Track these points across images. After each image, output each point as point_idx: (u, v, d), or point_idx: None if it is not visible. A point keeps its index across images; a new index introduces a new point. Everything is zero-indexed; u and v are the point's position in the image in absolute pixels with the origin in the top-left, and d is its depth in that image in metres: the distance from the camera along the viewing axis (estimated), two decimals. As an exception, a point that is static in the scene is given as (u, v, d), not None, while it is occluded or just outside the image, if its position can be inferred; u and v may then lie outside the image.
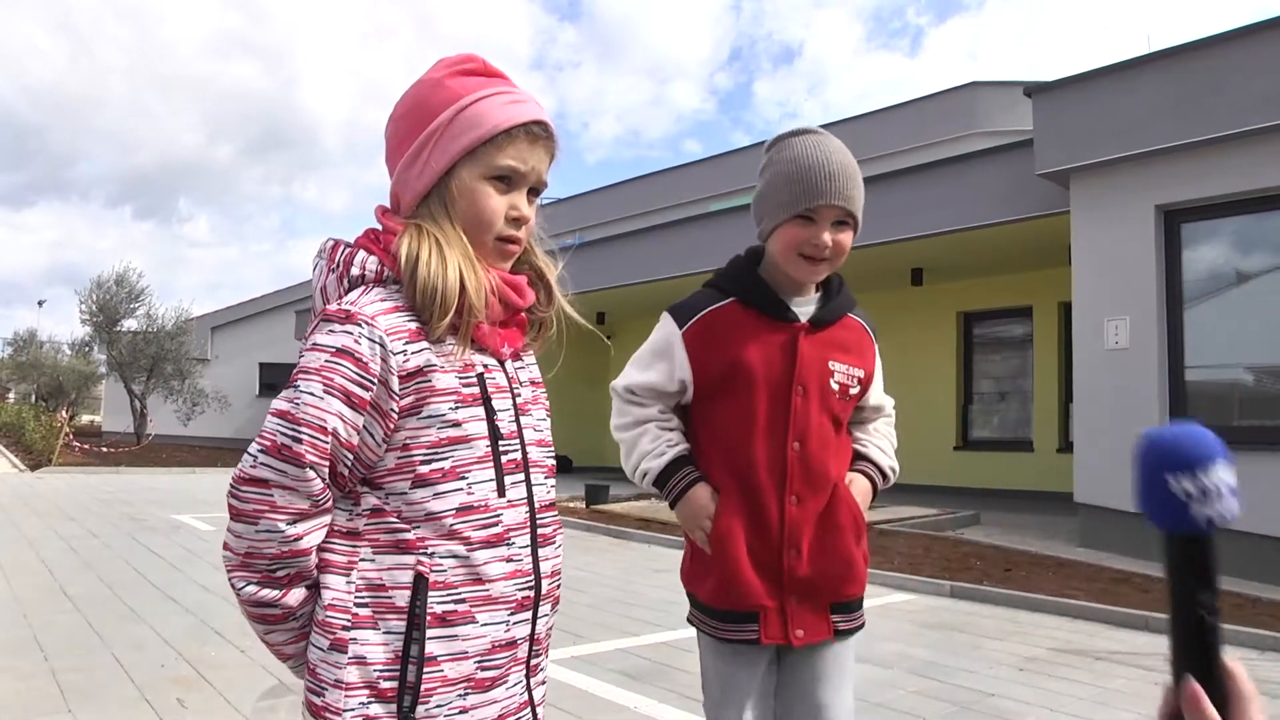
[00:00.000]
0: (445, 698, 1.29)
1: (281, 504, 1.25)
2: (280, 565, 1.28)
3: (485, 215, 1.37)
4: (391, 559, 1.30)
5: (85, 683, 4.27)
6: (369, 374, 1.27)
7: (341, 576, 1.30)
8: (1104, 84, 8.89)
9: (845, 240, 1.98)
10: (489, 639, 1.31)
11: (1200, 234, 8.54)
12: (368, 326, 1.27)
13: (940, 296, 14.28)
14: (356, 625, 1.28)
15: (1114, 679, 4.73)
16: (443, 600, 1.29)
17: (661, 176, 23.54)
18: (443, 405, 1.30)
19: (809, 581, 1.92)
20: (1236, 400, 8.48)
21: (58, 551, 8.23)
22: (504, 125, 1.35)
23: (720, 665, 1.98)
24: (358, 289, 1.34)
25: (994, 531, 9.93)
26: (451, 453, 1.31)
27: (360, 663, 1.27)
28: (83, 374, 30.55)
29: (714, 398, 1.97)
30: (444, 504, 1.30)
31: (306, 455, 1.24)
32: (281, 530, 1.25)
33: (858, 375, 2.02)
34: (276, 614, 1.31)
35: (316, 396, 1.25)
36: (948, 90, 18.21)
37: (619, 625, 5.79)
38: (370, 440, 1.29)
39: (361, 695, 1.27)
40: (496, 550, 1.33)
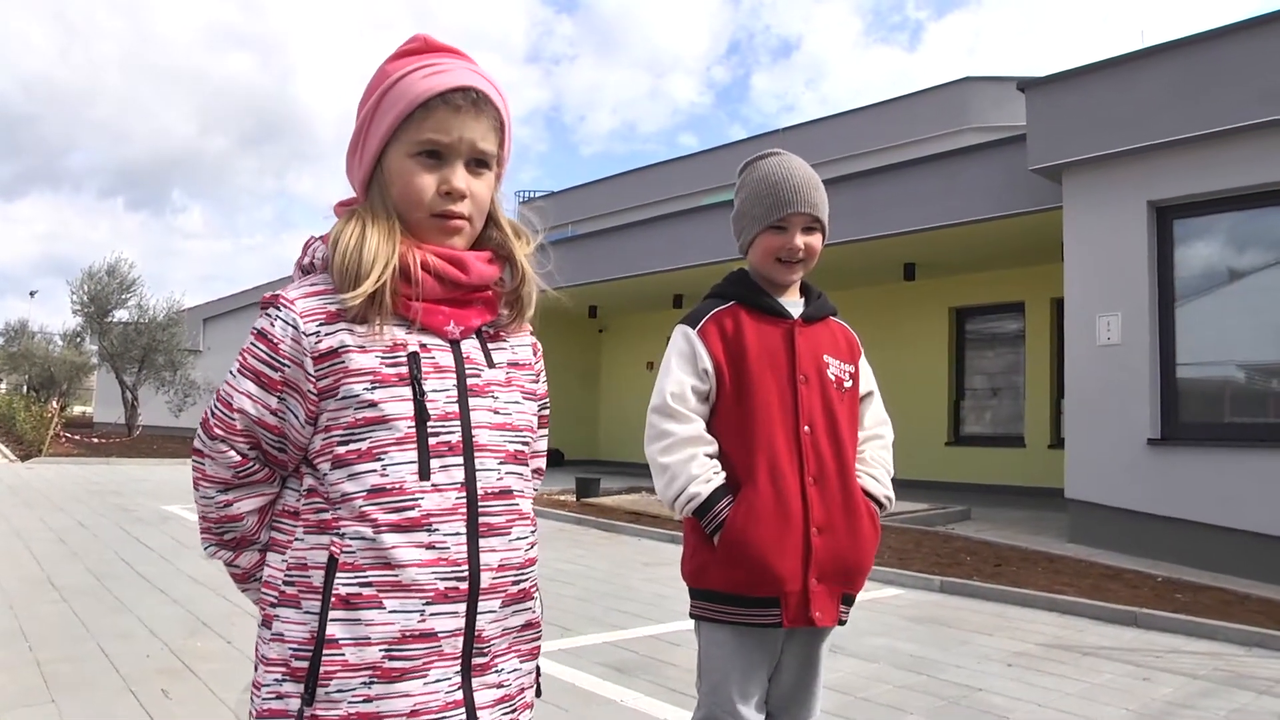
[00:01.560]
0: (347, 683, 1.26)
1: (210, 473, 1.36)
2: (223, 529, 1.39)
3: (413, 193, 1.34)
4: (314, 538, 1.31)
5: (70, 673, 4.25)
6: (279, 355, 1.30)
7: (279, 554, 1.35)
8: (1097, 79, 8.89)
9: (815, 243, 2.20)
10: (398, 627, 1.26)
11: (1192, 230, 8.55)
12: (285, 309, 1.31)
13: (932, 292, 14.29)
14: (282, 603, 1.31)
15: (1102, 674, 4.74)
16: (348, 582, 1.27)
17: (655, 170, 23.52)
18: (357, 386, 1.29)
19: (830, 564, 2.07)
20: (1227, 397, 8.49)
21: (46, 542, 8.20)
22: (420, 98, 1.32)
23: (729, 650, 2.10)
24: (309, 276, 1.38)
25: (984, 527, 9.95)
26: (370, 433, 1.29)
27: (280, 640, 1.30)
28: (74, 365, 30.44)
29: (731, 388, 2.12)
30: (357, 485, 1.28)
31: (215, 429, 1.34)
32: (213, 496, 1.37)
33: (849, 371, 2.22)
34: (238, 573, 1.44)
35: (232, 375, 1.33)
36: (941, 86, 18.21)
37: (608, 619, 5.78)
38: (295, 421, 1.32)
39: (278, 672, 1.29)
40: (412, 535, 1.27)
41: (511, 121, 1.43)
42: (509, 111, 1.42)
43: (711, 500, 2.05)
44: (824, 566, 2.05)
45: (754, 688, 2.11)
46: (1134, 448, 8.37)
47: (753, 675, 2.11)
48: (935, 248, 12.14)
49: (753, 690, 2.11)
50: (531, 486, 1.50)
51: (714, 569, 2.09)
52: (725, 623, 2.09)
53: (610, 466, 18.37)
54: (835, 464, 2.12)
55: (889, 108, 18.94)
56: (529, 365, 1.48)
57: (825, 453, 2.10)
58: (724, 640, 2.10)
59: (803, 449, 2.08)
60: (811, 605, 2.04)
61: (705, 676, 2.15)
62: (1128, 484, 8.33)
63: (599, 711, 3.94)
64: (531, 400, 1.47)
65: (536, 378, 1.51)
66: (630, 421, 18.33)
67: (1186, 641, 5.48)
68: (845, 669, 4.64)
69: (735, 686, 2.09)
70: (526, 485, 1.43)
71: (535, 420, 1.48)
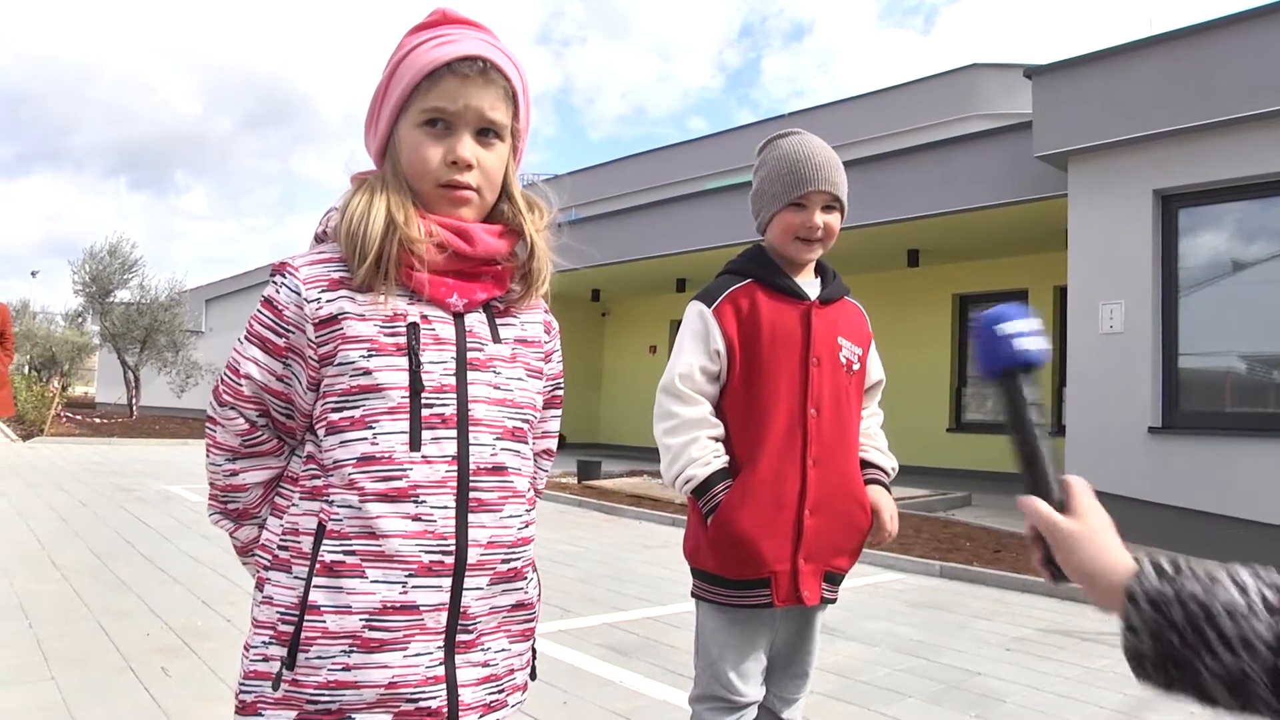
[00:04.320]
0: (327, 650, 1.26)
1: (220, 440, 1.37)
2: (228, 498, 1.41)
3: (419, 163, 1.34)
4: (306, 504, 1.33)
5: (70, 651, 4.26)
6: (283, 320, 1.31)
7: (278, 519, 1.36)
8: (1104, 67, 8.84)
9: (834, 223, 2.20)
10: (379, 598, 1.26)
11: (1197, 219, 8.52)
12: (290, 276, 1.32)
13: (936, 278, 14.26)
14: (275, 566, 1.33)
15: (1099, 659, 4.74)
16: (333, 550, 1.27)
17: (661, 154, 23.43)
18: (354, 352, 1.28)
19: (818, 545, 2.09)
20: (1229, 387, 8.48)
21: (47, 521, 8.21)
22: (428, 67, 1.31)
23: (725, 629, 2.13)
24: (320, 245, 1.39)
25: (985, 513, 9.96)
26: (363, 401, 1.29)
27: (269, 603, 1.31)
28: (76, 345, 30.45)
29: (741, 368, 2.14)
30: (348, 452, 1.28)
31: (224, 395, 1.35)
32: (221, 464, 1.38)
33: (857, 353, 2.23)
34: (237, 545, 1.46)
35: (240, 343, 1.35)
36: (948, 72, 18.13)
37: (607, 600, 5.78)
38: (299, 387, 1.34)
39: (266, 634, 1.30)
40: (398, 506, 1.27)
41: (529, 93, 1.40)
42: (525, 82, 1.39)
43: (709, 483, 2.07)
44: (811, 547, 2.09)
45: (751, 665, 2.13)
46: (1135, 436, 8.36)
47: (750, 653, 2.13)
48: (939, 234, 12.11)
49: (750, 668, 2.13)
50: (538, 467, 1.49)
51: (706, 550, 2.12)
52: (720, 604, 2.12)
53: (612, 450, 18.39)
54: (837, 446, 2.14)
55: (896, 93, 18.86)
56: (538, 343, 1.46)
57: (829, 435, 2.12)
58: (720, 619, 2.14)
59: (808, 431, 2.10)
60: (801, 584, 2.08)
61: (702, 654, 2.18)
62: (1128, 472, 8.32)
63: (598, 692, 3.95)
64: (537, 378, 1.44)
65: (546, 357, 1.49)
66: (632, 405, 18.35)
67: (1185, 629, 5.48)
68: (845, 652, 4.64)
69: (732, 664, 2.11)
70: (525, 463, 1.41)
71: (539, 399, 1.46)
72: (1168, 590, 0.90)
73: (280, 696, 1.28)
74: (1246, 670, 0.83)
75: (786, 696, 2.24)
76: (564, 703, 3.77)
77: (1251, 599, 0.85)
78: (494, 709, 1.38)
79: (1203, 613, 0.87)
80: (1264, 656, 0.82)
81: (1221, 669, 0.85)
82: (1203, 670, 0.86)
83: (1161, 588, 0.91)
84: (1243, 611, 0.84)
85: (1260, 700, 0.84)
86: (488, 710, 1.37)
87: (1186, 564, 0.92)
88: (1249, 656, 0.83)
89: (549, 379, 1.50)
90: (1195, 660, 0.87)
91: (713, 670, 2.13)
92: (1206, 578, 0.89)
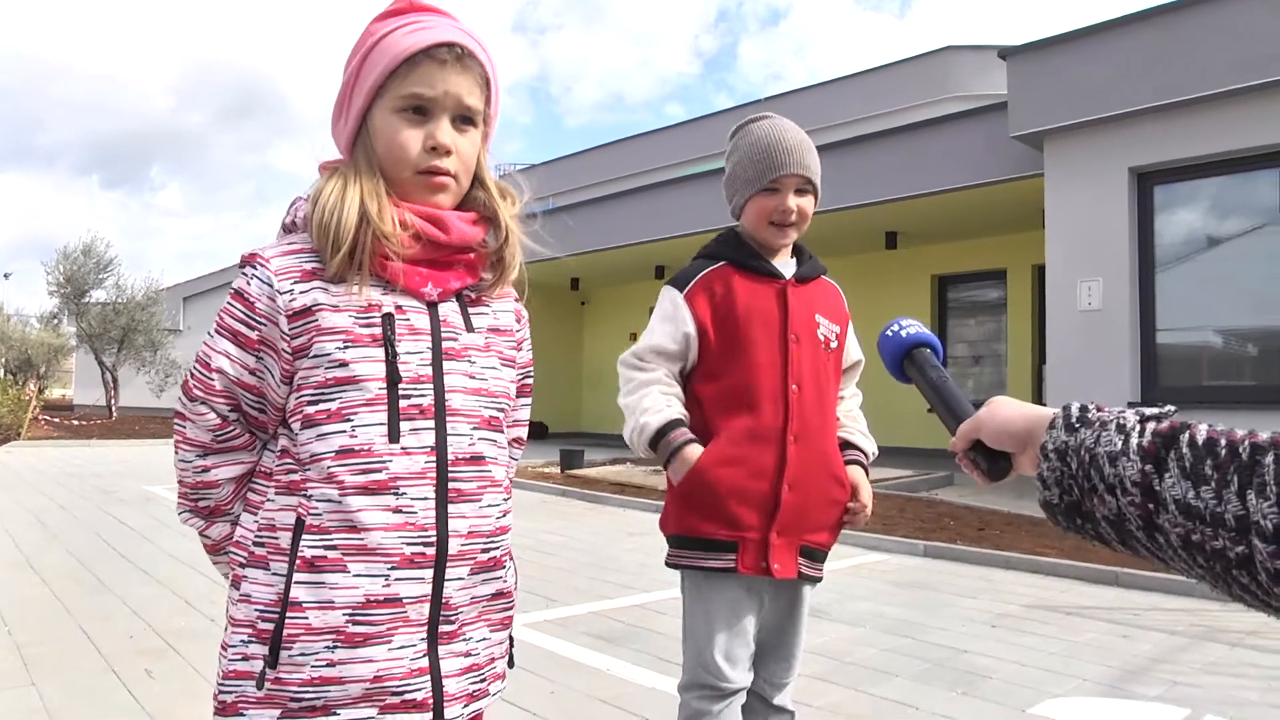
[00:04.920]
0: (310, 647, 1.25)
1: (190, 436, 1.35)
2: (198, 495, 1.38)
3: (397, 149, 1.32)
4: (283, 499, 1.30)
5: (50, 655, 4.22)
6: (255, 313, 1.29)
7: (252, 515, 1.34)
8: (1078, 46, 8.87)
9: (807, 205, 2.19)
10: (362, 592, 1.25)
11: (1173, 196, 8.57)
12: (260, 268, 1.30)
13: (915, 260, 14.29)
14: (251, 564, 1.30)
15: (1084, 633, 4.77)
16: (314, 545, 1.25)
17: (638, 141, 23.40)
18: (329, 344, 1.27)
19: (795, 519, 2.09)
20: (1206, 361, 8.55)
21: (24, 525, 8.13)
22: (405, 53, 1.30)
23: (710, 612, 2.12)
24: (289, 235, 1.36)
25: (967, 492, 10.00)
26: (340, 394, 1.27)
27: (247, 601, 1.29)
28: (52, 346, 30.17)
29: (718, 350, 2.15)
30: (325, 446, 1.27)
31: (195, 390, 1.32)
32: (191, 461, 1.36)
33: (835, 331, 2.23)
34: (208, 544, 1.44)
35: (210, 336, 1.33)
36: (922, 55, 18.17)
37: (592, 589, 5.78)
38: (271, 380, 1.31)
39: (244, 633, 1.28)
40: (379, 499, 1.26)
41: (498, 80, 1.41)
42: (495, 69, 1.39)
43: (664, 430, 2.08)
44: (787, 520, 2.08)
45: (738, 649, 2.11)
46: (1115, 412, 8.41)
47: (736, 637, 2.11)
48: (917, 216, 12.13)
49: (737, 652, 2.11)
50: (509, 456, 1.47)
51: (674, 511, 2.16)
52: (689, 568, 2.13)
53: (594, 438, 18.37)
54: (817, 422, 2.15)
55: (871, 77, 18.88)
56: (510, 331, 1.46)
57: (813, 411, 2.13)
58: (699, 596, 2.13)
59: (789, 406, 2.10)
60: (771, 557, 2.07)
61: (689, 640, 2.16)
62: (1109, 448, 8.36)
63: (584, 681, 3.94)
64: (510, 367, 1.44)
65: (518, 345, 1.48)
66: (614, 393, 18.21)
67: (1165, 599, 5.53)
68: (831, 634, 4.66)
69: (718, 649, 2.09)
70: (501, 452, 1.40)
71: (513, 388, 1.45)
72: (1071, 440, 0.93)
73: (263, 695, 1.26)
74: (1122, 510, 0.87)
75: (775, 681, 2.22)
76: (551, 692, 3.76)
77: (1129, 442, 0.88)
78: (476, 698, 1.38)
79: (1090, 460, 0.90)
80: (1132, 495, 0.86)
81: (1107, 512, 0.89)
82: (1098, 515, 0.90)
83: (1067, 438, 0.94)
84: (1118, 454, 0.88)
85: (1135, 539, 0.88)
86: (470, 699, 1.37)
87: (1095, 411, 0.95)
88: (1123, 498, 0.87)
89: (520, 367, 1.50)
90: (1091, 506, 0.91)
91: (699, 657, 2.12)
92: (1099, 424, 0.92)
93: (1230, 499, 0.79)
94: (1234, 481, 0.79)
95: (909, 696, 3.79)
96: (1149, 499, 0.85)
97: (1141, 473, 0.85)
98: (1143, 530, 0.86)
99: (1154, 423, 0.89)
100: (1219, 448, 0.82)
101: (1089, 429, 0.93)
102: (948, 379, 1.23)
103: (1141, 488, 0.85)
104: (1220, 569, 0.80)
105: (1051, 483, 0.94)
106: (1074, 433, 0.93)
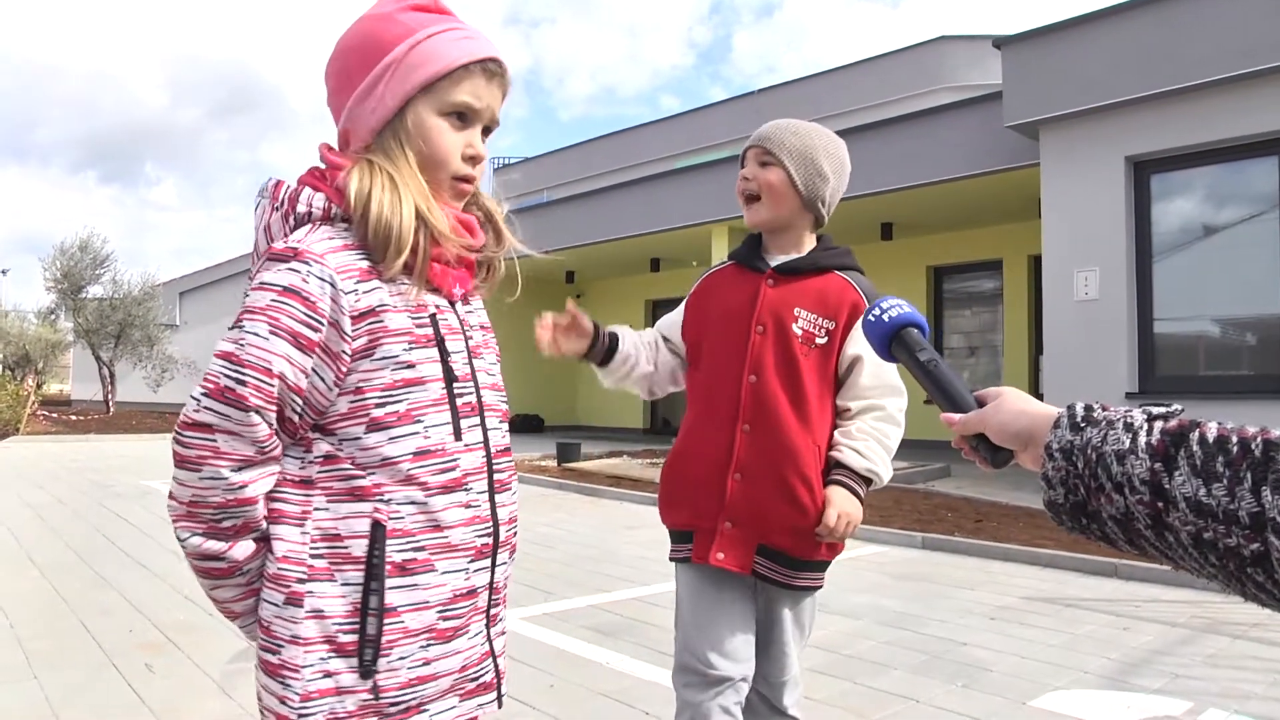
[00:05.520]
0: (407, 649, 1.26)
1: (225, 450, 1.19)
2: (225, 515, 1.22)
3: (441, 152, 1.33)
4: (347, 507, 1.26)
5: (51, 649, 4.22)
6: (318, 314, 1.22)
7: (295, 527, 1.26)
8: (1073, 35, 8.86)
9: (771, 176, 2.15)
10: (450, 588, 1.29)
11: (1169, 185, 8.57)
12: (316, 264, 1.23)
13: (910, 251, 14.27)
14: (313, 578, 1.24)
15: (1083, 625, 4.79)
16: (401, 549, 1.25)
17: (632, 134, 23.34)
18: (396, 346, 1.26)
19: (744, 509, 2.07)
20: (1203, 351, 8.56)
21: (24, 520, 8.13)
22: (461, 60, 1.31)
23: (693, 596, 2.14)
24: (304, 227, 1.29)
25: (964, 484, 10.02)
26: (406, 395, 1.27)
27: (318, 616, 1.23)
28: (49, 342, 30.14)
29: (695, 340, 2.24)
30: (400, 448, 1.26)
31: (251, 398, 1.19)
32: (225, 477, 1.20)
33: (825, 325, 2.11)
34: (223, 567, 1.26)
35: (261, 337, 1.20)
36: (916, 45, 18.14)
37: (590, 582, 5.78)
38: (320, 384, 1.24)
39: (321, 650, 1.23)
40: (454, 496, 1.29)
41: None
42: None
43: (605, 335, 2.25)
44: (737, 510, 2.07)
45: (725, 635, 2.06)
46: (1112, 402, 8.35)
47: (722, 623, 2.07)
48: (913, 207, 12.12)
49: (722, 638, 2.06)
50: None
51: (659, 506, 2.26)
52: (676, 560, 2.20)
53: (590, 431, 18.38)
54: (784, 415, 2.06)
55: (865, 67, 18.85)
56: (492, 329, 1.50)
57: (772, 403, 2.07)
58: (687, 585, 2.17)
59: (742, 396, 2.09)
60: (715, 545, 2.07)
61: (677, 624, 2.20)
62: (1106, 438, 8.37)
63: (583, 674, 3.95)
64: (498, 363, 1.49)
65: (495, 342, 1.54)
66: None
67: (1165, 591, 5.54)
68: (830, 626, 4.66)
69: (701, 633, 2.08)
70: None
71: None
72: (1077, 440, 0.93)
73: (356, 708, 1.25)
74: (1130, 509, 0.86)
75: (770, 679, 2.17)
76: (551, 685, 3.77)
77: (1137, 440, 0.87)
78: (501, 674, 1.45)
79: (1097, 459, 0.90)
80: (1141, 493, 0.85)
81: (1114, 511, 0.88)
82: (1104, 514, 0.90)
83: (1072, 438, 0.93)
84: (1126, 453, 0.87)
85: (1144, 538, 0.87)
86: (501, 675, 1.45)
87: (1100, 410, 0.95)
88: (1131, 496, 0.86)
89: None
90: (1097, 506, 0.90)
91: (684, 640, 2.12)
92: (1106, 423, 0.92)
93: (1244, 496, 0.78)
94: (1247, 478, 0.78)
95: (908, 689, 3.80)
96: (1158, 497, 0.84)
97: (1150, 470, 0.85)
98: (1151, 529, 0.85)
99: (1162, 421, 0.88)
100: (1230, 445, 0.81)
101: (1095, 428, 0.92)
102: (939, 362, 1.21)
103: (1150, 486, 0.84)
104: (1234, 567, 0.80)
105: (1056, 482, 0.94)
106: (1079, 432, 0.93)
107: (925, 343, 1.25)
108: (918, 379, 1.24)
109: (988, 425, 1.07)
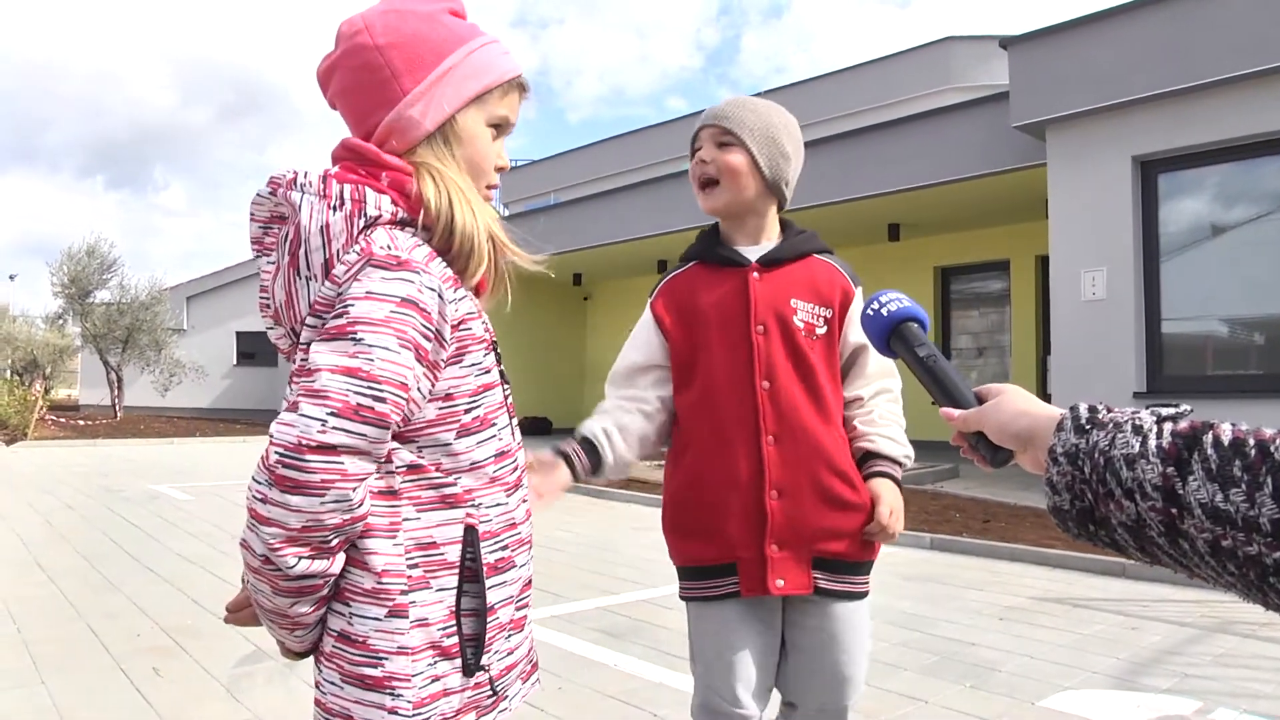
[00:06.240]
0: (499, 643, 1.32)
1: (352, 471, 1.13)
2: (338, 535, 1.16)
3: (483, 161, 1.37)
4: (439, 515, 1.25)
5: (59, 654, 4.23)
6: (432, 325, 1.20)
7: (387, 540, 1.22)
8: (1079, 34, 8.83)
9: (730, 158, 1.98)
10: (523, 580, 1.37)
11: (1177, 184, 8.53)
12: (425, 275, 1.20)
13: (917, 251, 14.25)
14: (413, 588, 1.23)
15: (1092, 625, 4.77)
16: (493, 549, 1.30)
17: (641, 134, 23.35)
18: (480, 352, 1.30)
19: (791, 529, 1.90)
20: (1211, 351, 8.52)
21: (32, 524, 8.15)
22: (510, 74, 1.36)
23: (712, 627, 1.96)
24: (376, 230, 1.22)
25: (972, 484, 9.99)
26: (484, 399, 1.31)
27: (423, 624, 1.23)
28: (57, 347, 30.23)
29: (684, 357, 2.02)
30: (485, 451, 1.30)
31: (391, 415, 1.15)
32: (350, 499, 1.13)
33: (823, 314, 2.00)
34: (318, 584, 1.19)
35: (393, 351, 1.15)
36: (923, 46, 18.11)
37: (598, 584, 5.78)
38: (417, 395, 1.20)
39: (428, 656, 1.24)
40: (521, 492, 1.37)
41: None
42: None
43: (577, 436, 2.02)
44: (783, 532, 1.90)
45: (748, 668, 1.93)
46: (1120, 402, 8.18)
47: (745, 654, 1.93)
48: (919, 208, 12.10)
49: (749, 672, 1.93)
50: None
51: (671, 542, 2.05)
52: (695, 599, 1.98)
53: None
54: (803, 418, 1.94)
55: (872, 68, 18.83)
56: None
57: (792, 408, 1.93)
58: (704, 617, 1.98)
59: (759, 405, 1.92)
60: (770, 573, 1.89)
61: (696, 659, 2.01)
62: (1115, 438, 8.34)
63: (591, 676, 3.94)
64: None
65: None
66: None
67: (1174, 590, 5.52)
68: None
69: (727, 668, 1.93)
70: None
71: None
72: (1082, 443, 0.90)
73: (461, 706, 1.28)
74: (1142, 515, 0.83)
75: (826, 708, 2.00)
76: (559, 688, 3.76)
77: (1147, 444, 0.84)
78: None
79: (1105, 463, 0.86)
80: (1153, 500, 0.82)
81: (1124, 518, 0.85)
82: (1113, 521, 0.87)
83: (1077, 441, 0.90)
84: (1136, 457, 0.84)
85: (1156, 546, 0.84)
86: None
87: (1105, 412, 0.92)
88: (1143, 503, 0.83)
89: None
90: (1106, 512, 0.87)
91: (707, 678, 1.96)
92: (1113, 426, 0.89)
93: (1265, 502, 0.75)
94: (1268, 483, 0.75)
95: (918, 690, 3.79)
96: (1171, 503, 0.81)
97: (1163, 475, 0.81)
98: (1165, 536, 0.82)
99: (1172, 423, 0.85)
100: (1248, 448, 0.78)
101: (1101, 431, 0.89)
102: (938, 357, 1.19)
103: (1163, 491, 0.81)
104: (1254, 576, 0.77)
105: (1062, 488, 0.90)
106: (1084, 435, 0.90)
107: (924, 338, 1.24)
108: (916, 375, 1.23)
109: (986, 424, 1.05)
